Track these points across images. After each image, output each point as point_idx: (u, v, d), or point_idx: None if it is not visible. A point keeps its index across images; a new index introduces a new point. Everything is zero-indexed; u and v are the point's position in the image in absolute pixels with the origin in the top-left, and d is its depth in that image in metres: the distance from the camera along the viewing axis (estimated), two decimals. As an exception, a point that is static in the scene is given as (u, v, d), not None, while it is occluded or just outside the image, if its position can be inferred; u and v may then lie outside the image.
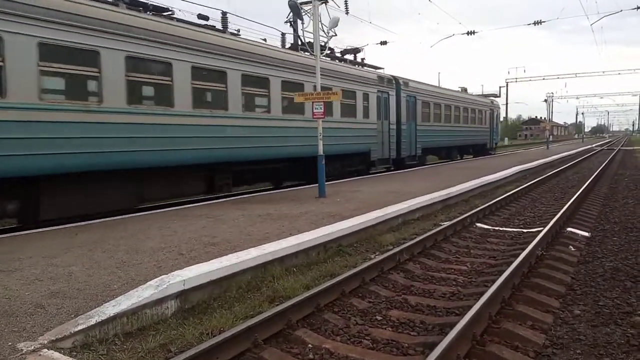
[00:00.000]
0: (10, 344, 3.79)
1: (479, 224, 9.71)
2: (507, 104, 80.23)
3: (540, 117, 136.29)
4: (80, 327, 4.07)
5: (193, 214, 9.67)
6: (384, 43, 38.05)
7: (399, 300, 5.42)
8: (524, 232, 8.98)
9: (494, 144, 34.61)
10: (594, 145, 57.70)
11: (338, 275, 5.75)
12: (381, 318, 4.91)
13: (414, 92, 22.34)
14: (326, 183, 12.28)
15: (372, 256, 7.14)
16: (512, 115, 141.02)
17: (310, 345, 4.26)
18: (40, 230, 8.20)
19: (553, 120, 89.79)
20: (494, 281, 5.40)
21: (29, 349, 3.73)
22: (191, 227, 8.13)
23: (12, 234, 7.99)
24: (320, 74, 12.65)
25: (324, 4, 13.83)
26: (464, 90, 33.67)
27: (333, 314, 4.98)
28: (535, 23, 35.17)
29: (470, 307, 4.63)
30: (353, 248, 7.68)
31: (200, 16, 14.40)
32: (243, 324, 4.20)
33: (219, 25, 13.94)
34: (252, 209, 10.18)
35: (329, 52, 17.93)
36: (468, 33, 37.26)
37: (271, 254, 6.25)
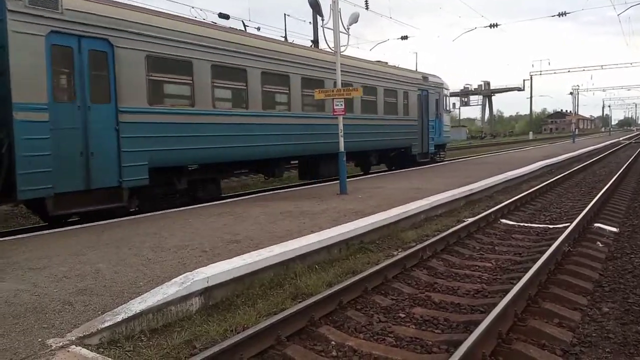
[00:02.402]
0: (39, 340, 3.87)
1: (503, 220, 9.57)
2: (531, 97, 79.04)
3: (566, 110, 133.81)
4: (107, 324, 4.13)
5: (215, 211, 9.75)
6: (404, 38, 37.84)
7: (422, 297, 5.38)
8: (550, 228, 8.81)
9: (430, 148, 21.13)
10: (621, 139, 56.31)
11: (360, 273, 5.72)
12: (404, 315, 4.88)
13: None
14: (347, 180, 12.25)
15: (395, 253, 7.10)
16: (537, 108, 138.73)
17: (333, 343, 4.26)
18: (68, 228, 8.38)
19: (579, 113, 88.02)
20: (519, 278, 5.31)
21: (58, 345, 3.80)
22: (213, 225, 8.20)
23: (41, 232, 8.18)
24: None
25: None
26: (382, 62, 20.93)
27: (356, 311, 4.97)
28: (559, 14, 34.52)
29: (495, 304, 4.57)
30: (375, 245, 7.64)
31: (221, 15, 14.55)
32: (266, 321, 4.22)
33: (239, 24, 14.02)
34: (273, 206, 10.21)
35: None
36: (490, 26, 36.71)
37: (293, 251, 6.27)
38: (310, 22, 27.13)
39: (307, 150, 14.16)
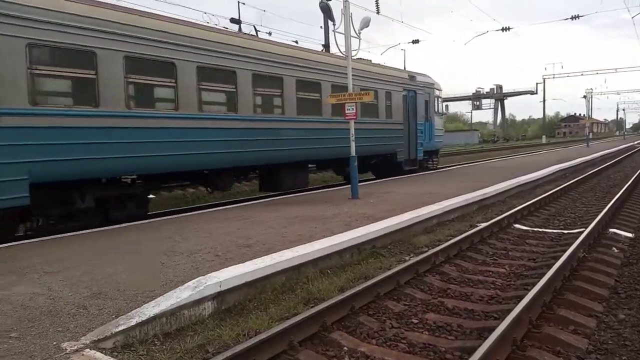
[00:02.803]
0: (55, 343, 3.91)
1: (517, 225, 9.48)
2: (544, 100, 78.41)
3: (579, 114, 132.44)
4: (121, 328, 4.17)
5: (228, 215, 9.79)
6: (415, 42, 37.75)
7: (435, 303, 5.35)
8: (564, 233, 8.72)
9: (419, 154, 19.15)
10: (635, 143, 55.59)
11: (372, 278, 5.71)
12: (417, 321, 4.85)
13: None
14: (359, 184, 12.23)
15: (407, 258, 7.07)
16: (550, 112, 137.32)
17: (345, 348, 4.24)
18: (82, 232, 8.46)
19: (593, 116, 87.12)
20: (534, 284, 5.26)
21: (72, 348, 3.84)
22: (226, 229, 8.23)
23: (56, 236, 8.27)
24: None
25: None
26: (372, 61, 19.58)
27: (368, 316, 4.95)
28: (572, 18, 34.24)
29: (509, 310, 4.53)
30: (387, 250, 7.62)
31: (232, 20, 14.64)
32: (279, 326, 4.22)
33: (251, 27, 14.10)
34: (285, 210, 10.23)
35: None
36: (503, 29, 36.53)
37: (305, 255, 6.26)
38: (321, 27, 27.25)
39: (262, 159, 12.27)
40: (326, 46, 26.60)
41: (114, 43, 8.96)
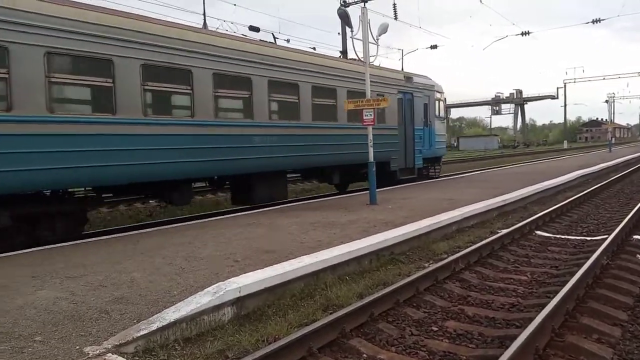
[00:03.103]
0: (77, 347, 3.96)
1: (538, 232, 9.34)
2: (565, 105, 77.36)
3: (601, 119, 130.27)
4: (142, 333, 4.21)
5: (247, 221, 9.84)
6: (434, 47, 37.65)
7: (456, 310, 5.29)
8: (587, 240, 8.56)
9: (417, 162, 17.68)
10: (661, 147, 54.37)
11: (392, 284, 5.68)
12: (437, 329, 4.81)
13: None
14: (377, 190, 12.20)
15: (426, 265, 7.02)
16: (571, 117, 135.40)
17: (365, 355, 4.23)
18: (104, 238, 8.59)
19: (615, 121, 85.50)
20: (556, 292, 5.17)
21: (95, 352, 3.89)
22: (245, 235, 8.27)
23: (78, 241, 8.41)
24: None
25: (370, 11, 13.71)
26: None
27: (387, 323, 4.92)
28: (594, 21, 33.78)
29: (531, 319, 4.46)
30: (406, 256, 7.57)
31: (251, 28, 14.77)
32: (298, 332, 4.22)
33: (270, 36, 14.15)
34: (303, 216, 10.24)
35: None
36: (522, 34, 36.18)
37: (323, 261, 6.26)
38: (339, 33, 27.33)
39: (227, 169, 11.05)
40: (344, 52, 26.68)
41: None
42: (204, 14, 20.14)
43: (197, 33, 10.89)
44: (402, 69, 18.57)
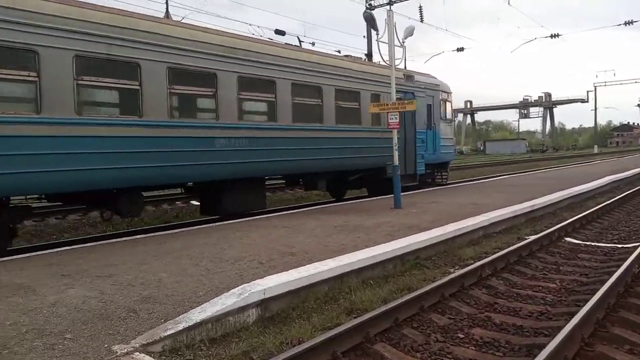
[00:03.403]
0: (106, 345, 4.04)
1: (568, 239, 9.14)
2: (595, 109, 75.54)
3: (633, 123, 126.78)
4: (169, 332, 4.27)
5: (271, 223, 9.90)
6: (460, 50, 37.26)
7: (482, 317, 5.21)
8: (618, 247, 8.34)
9: (419, 168, 16.05)
10: (698, 153, 52.56)
11: (416, 289, 5.64)
12: (463, 336, 4.74)
13: None
14: (401, 194, 12.12)
15: (452, 270, 6.94)
16: (602, 121, 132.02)
17: (389, 361, 4.20)
18: (132, 238, 8.75)
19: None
20: (586, 300, 5.05)
21: (123, 351, 3.96)
22: (269, 237, 8.32)
23: (107, 241, 8.59)
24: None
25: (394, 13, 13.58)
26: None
27: (412, 329, 4.88)
28: (625, 23, 32.92)
29: (560, 327, 4.37)
30: (431, 261, 7.50)
31: (277, 31, 14.88)
32: (322, 336, 4.22)
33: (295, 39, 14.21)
34: (327, 219, 10.25)
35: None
36: (551, 36, 35.50)
37: (348, 265, 6.25)
38: (364, 36, 27.34)
39: (181, 177, 9.93)
40: (369, 55, 26.66)
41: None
42: (167, 3, 19.68)
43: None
44: (405, 66, 16.90)
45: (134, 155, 8.83)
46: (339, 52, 16.28)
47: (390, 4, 27.32)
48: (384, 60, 13.80)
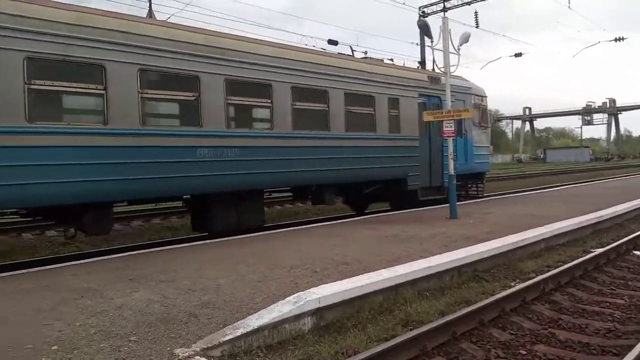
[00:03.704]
0: (168, 348, 4.18)
1: (637, 252, 8.63)
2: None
3: None
4: (227, 337, 4.37)
5: (324, 232, 9.94)
6: (518, 55, 36.19)
7: (545, 334, 5.00)
8: (695, 263, 7.79)
9: (446, 180, 13.64)
10: None
11: (475, 303, 5.49)
12: (525, 352, 4.56)
13: None
14: (457, 203, 11.86)
15: (512, 284, 6.70)
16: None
17: (447, 375, 4.10)
18: (192, 244, 9.03)
19: None
20: (660, 319, 4.74)
21: (184, 355, 4.08)
22: (323, 246, 8.36)
23: (168, 247, 8.91)
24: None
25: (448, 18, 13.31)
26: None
27: (471, 343, 4.75)
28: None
29: (631, 346, 4.14)
30: (490, 274, 7.27)
31: (330, 41, 15.00)
32: (378, 347, 4.19)
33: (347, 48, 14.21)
34: (380, 228, 10.17)
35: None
36: (615, 40, 33.88)
37: (403, 276, 6.17)
38: (417, 44, 27.09)
39: (144, 191, 8.91)
40: (422, 62, 26.36)
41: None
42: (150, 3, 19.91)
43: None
44: (433, 71, 15.56)
45: (91, 168, 8.18)
46: (391, 60, 16.16)
47: (444, 10, 27.02)
48: (437, 68, 13.59)
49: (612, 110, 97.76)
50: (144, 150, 8.63)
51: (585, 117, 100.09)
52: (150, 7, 18.49)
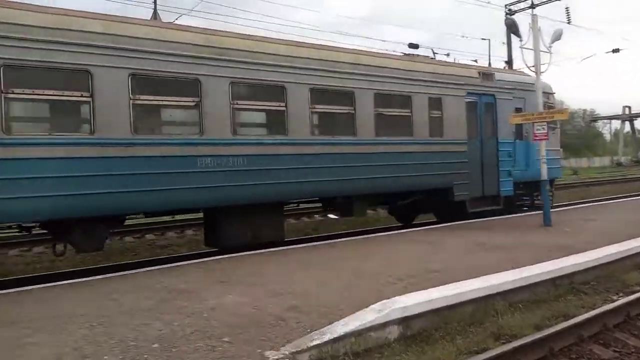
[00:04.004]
0: (259, 350, 4.32)
1: None
2: None
3: None
4: (315, 342, 4.43)
5: (411, 238, 9.83)
6: (615, 51, 33.59)
7: (655, 353, 4.59)
8: None
9: (504, 188, 13.07)
10: None
11: (573, 317, 5.16)
12: (632, 373, 4.22)
13: None
14: (552, 210, 11.20)
15: (615, 297, 6.22)
16: None
17: (545, 393, 3.89)
18: (277, 249, 9.26)
19: None
20: None
21: (274, 357, 4.19)
22: (409, 253, 8.25)
23: (259, 250, 9.19)
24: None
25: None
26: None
27: (570, 360, 4.47)
28: None
29: None
30: (589, 286, 6.78)
31: (411, 45, 14.81)
32: (469, 360, 4.06)
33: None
34: (469, 236, 9.86)
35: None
36: None
37: (494, 286, 5.93)
38: (503, 43, 26.01)
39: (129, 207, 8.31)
40: (509, 62, 25.26)
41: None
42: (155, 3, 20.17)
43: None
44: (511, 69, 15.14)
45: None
46: (475, 61, 15.61)
47: (532, 7, 25.69)
48: (528, 67, 12.94)
49: None
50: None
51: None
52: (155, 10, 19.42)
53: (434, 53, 14.05)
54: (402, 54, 12.87)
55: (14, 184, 6.99)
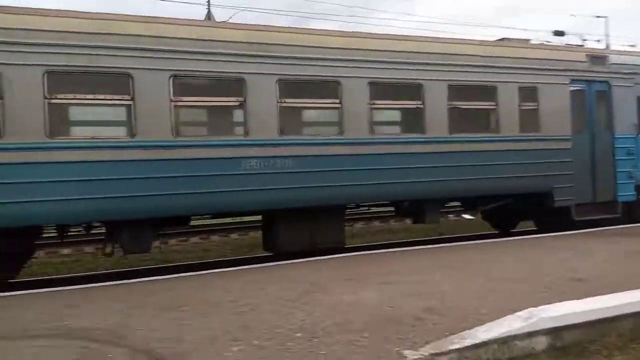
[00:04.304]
0: (397, 349, 4.29)
1: None
2: None
3: None
4: (455, 346, 4.29)
5: (548, 244, 9.15)
6: None
7: None
8: None
9: (624, 192, 11.01)
10: None
11: None
12: None
13: None
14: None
15: None
16: None
17: None
18: (408, 249, 9.22)
19: None
20: None
21: (413, 357, 4.14)
22: (549, 259, 7.69)
23: (383, 250, 9.23)
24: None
25: None
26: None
27: None
28: None
29: None
30: None
31: (556, 32, 13.84)
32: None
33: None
34: (616, 242, 8.97)
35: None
36: None
37: (659, 301, 5.27)
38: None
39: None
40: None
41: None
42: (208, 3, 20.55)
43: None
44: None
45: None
46: (632, 46, 13.98)
47: None
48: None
49: None
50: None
51: None
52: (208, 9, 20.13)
53: (583, 40, 12.89)
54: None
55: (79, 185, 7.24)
